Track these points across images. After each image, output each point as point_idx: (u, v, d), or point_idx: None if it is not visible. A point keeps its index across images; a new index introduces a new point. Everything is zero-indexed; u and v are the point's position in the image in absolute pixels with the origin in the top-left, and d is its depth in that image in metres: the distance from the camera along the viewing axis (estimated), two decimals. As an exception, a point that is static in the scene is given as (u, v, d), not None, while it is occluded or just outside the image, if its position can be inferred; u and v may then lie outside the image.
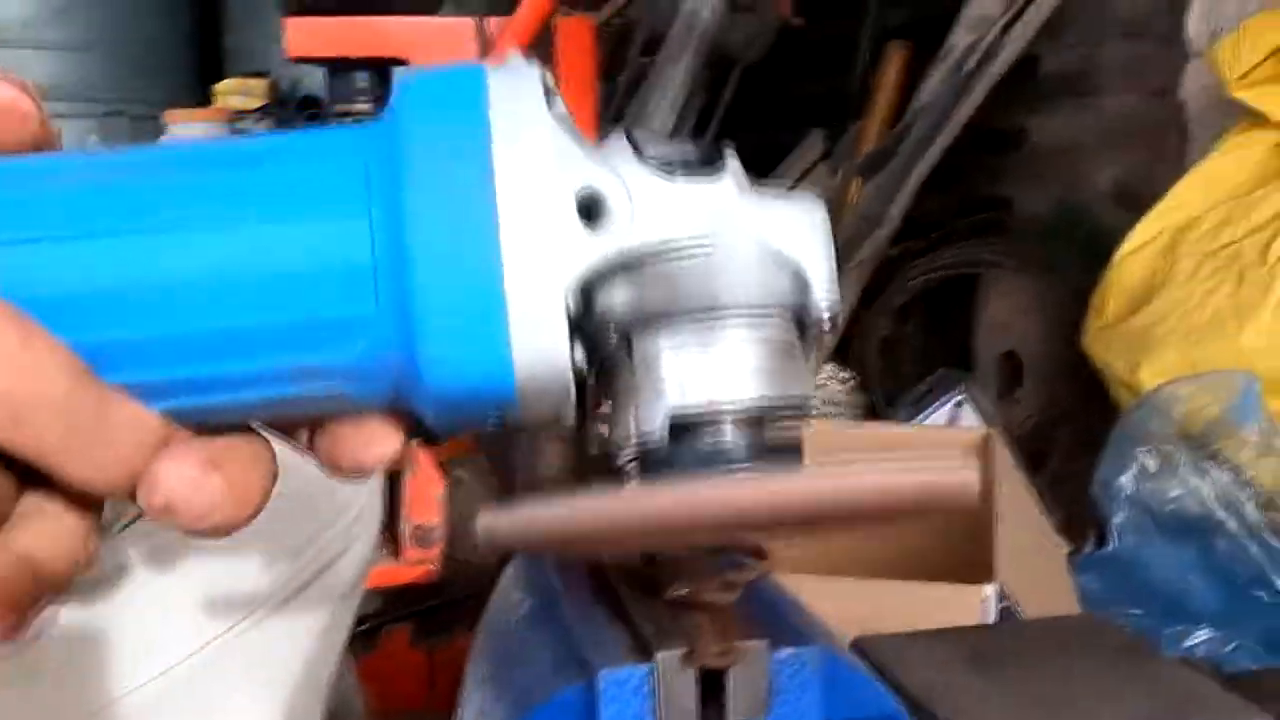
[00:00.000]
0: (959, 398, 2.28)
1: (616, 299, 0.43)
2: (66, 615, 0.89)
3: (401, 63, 1.62)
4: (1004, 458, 1.52)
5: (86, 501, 0.42)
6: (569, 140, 0.42)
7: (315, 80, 4.05)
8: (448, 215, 0.41)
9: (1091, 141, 2.89)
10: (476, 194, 0.41)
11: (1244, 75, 1.98)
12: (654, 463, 0.44)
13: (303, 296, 0.41)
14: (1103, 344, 2.04)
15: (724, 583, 0.60)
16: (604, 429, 0.46)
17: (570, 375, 0.42)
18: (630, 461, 0.45)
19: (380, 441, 0.45)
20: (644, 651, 0.58)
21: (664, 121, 3.04)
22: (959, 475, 0.41)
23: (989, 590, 1.10)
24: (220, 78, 3.85)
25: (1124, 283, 2.08)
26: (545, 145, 0.42)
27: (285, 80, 4.10)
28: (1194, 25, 2.38)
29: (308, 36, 1.56)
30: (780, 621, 0.63)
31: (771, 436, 0.44)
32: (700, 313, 0.43)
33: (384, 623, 1.65)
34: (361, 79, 1.63)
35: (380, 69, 1.62)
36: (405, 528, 1.66)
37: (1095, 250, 2.60)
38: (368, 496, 1.05)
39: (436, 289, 0.41)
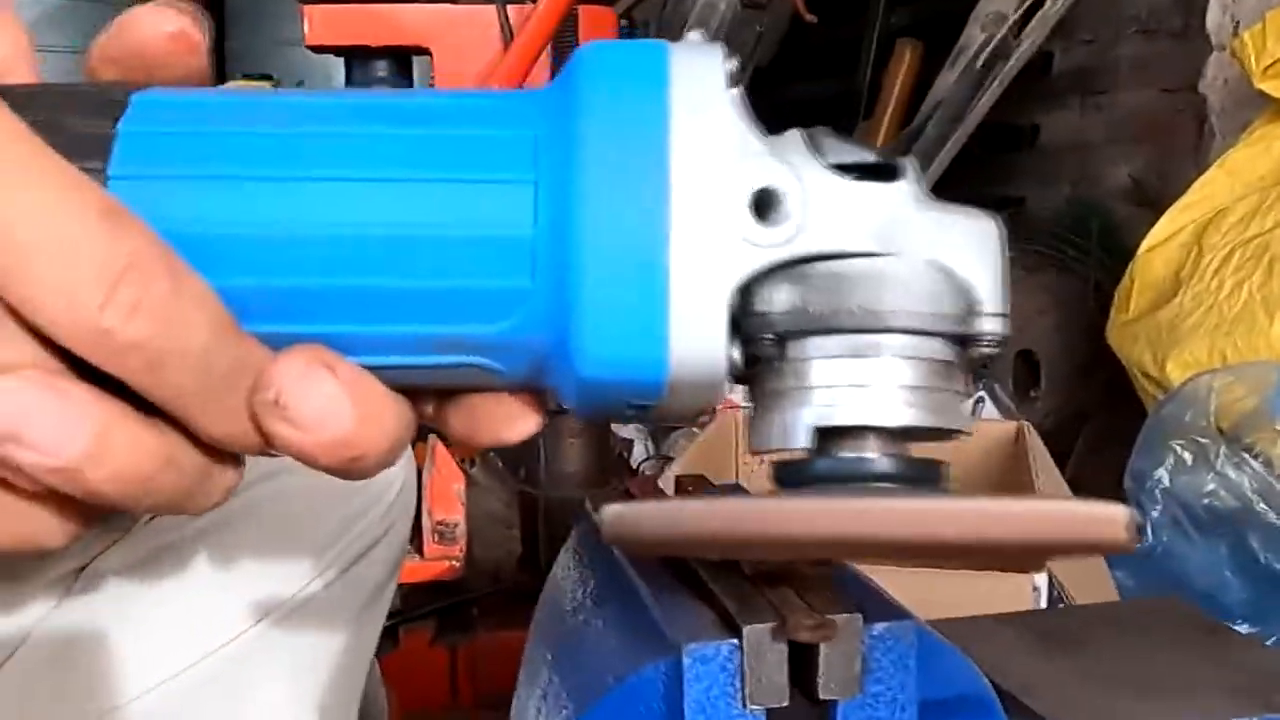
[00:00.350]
0: (979, 394, 2.26)
1: (778, 300, 0.41)
2: (98, 606, 0.87)
3: (422, 51, 1.59)
4: (1039, 448, 1.49)
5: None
6: (748, 131, 0.40)
7: (316, 80, 4.04)
8: (617, 198, 0.39)
9: (1104, 138, 2.88)
10: (650, 178, 0.39)
11: (1269, 66, 1.96)
12: (792, 471, 0.42)
13: (458, 262, 0.40)
14: (1128, 339, 2.02)
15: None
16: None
17: (725, 377, 0.40)
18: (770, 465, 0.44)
19: (522, 418, 0.44)
20: (730, 626, 0.55)
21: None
22: (1110, 509, 0.39)
23: (1040, 580, 1.07)
24: (223, 80, 3.83)
25: (1148, 277, 2.06)
26: (725, 134, 0.40)
27: (288, 83, 4.08)
28: (1214, 18, 2.36)
29: (327, 24, 1.53)
30: (870, 598, 0.60)
31: (914, 458, 0.42)
32: (862, 324, 0.41)
33: (405, 620, 1.62)
34: (381, 68, 1.60)
35: (401, 58, 1.60)
36: (427, 524, 1.63)
37: (1110, 247, 2.59)
38: (401, 487, 1.02)
39: (597, 274, 0.39)
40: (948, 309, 0.41)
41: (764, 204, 0.40)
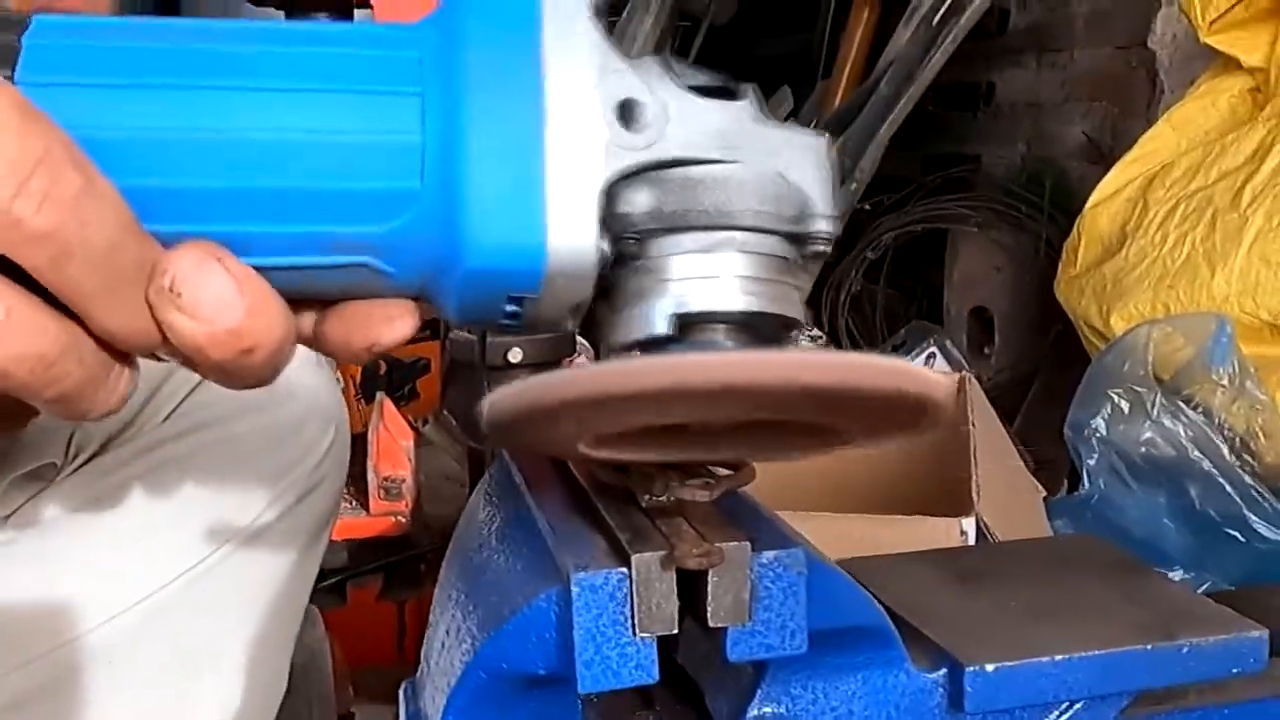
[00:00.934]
0: (931, 350, 2.27)
1: (639, 202, 0.46)
2: (41, 544, 0.88)
3: (364, 4, 1.58)
4: (980, 399, 1.50)
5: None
6: (612, 51, 0.45)
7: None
8: (498, 106, 0.44)
9: (1060, 96, 2.88)
10: (526, 89, 0.44)
11: (1215, 20, 1.97)
12: (652, 351, 0.47)
13: (352, 165, 0.44)
14: (1075, 292, 2.03)
15: (703, 483, 0.58)
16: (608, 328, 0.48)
17: (595, 269, 0.45)
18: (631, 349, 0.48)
19: (400, 320, 0.47)
20: (620, 555, 0.56)
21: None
22: (935, 374, 0.44)
23: (967, 523, 1.08)
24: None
25: (1095, 231, 2.07)
26: (591, 52, 0.45)
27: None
28: (1163, -28, 2.36)
29: (265, -24, 1.52)
30: (763, 527, 0.60)
31: (763, 339, 0.47)
32: (712, 222, 0.46)
33: (352, 576, 1.62)
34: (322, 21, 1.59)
35: (342, 10, 1.58)
36: (373, 480, 1.63)
37: (1064, 205, 2.60)
38: (336, 434, 1.03)
39: (482, 171, 0.44)
40: (786, 210, 0.47)
41: (627, 113, 0.45)
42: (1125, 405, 1.65)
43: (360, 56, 0.45)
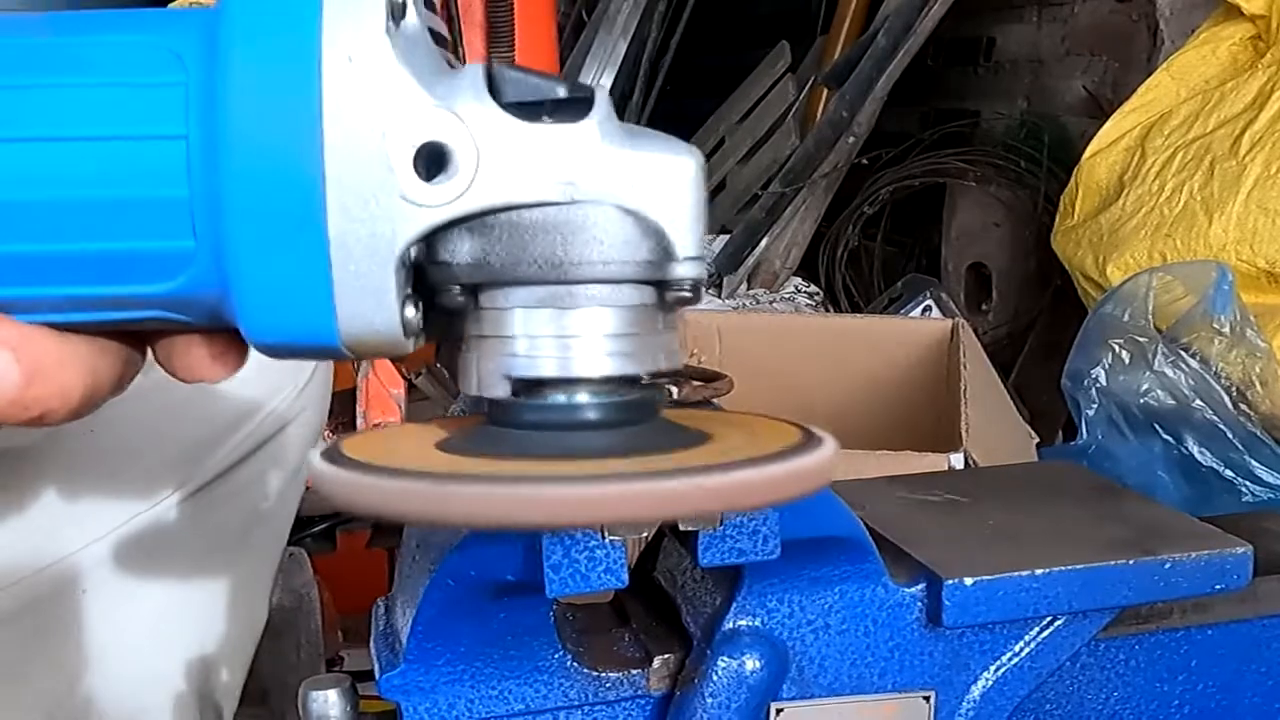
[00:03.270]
0: (927, 302, 2.25)
1: (461, 252, 0.39)
2: (13, 475, 0.88)
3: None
4: (973, 345, 1.49)
5: None
6: (413, 80, 0.37)
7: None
8: (268, 164, 0.37)
9: (1060, 50, 2.85)
10: (301, 146, 0.37)
11: (1216, -34, 1.95)
12: (502, 411, 0.41)
13: (117, 224, 0.38)
14: (1071, 243, 2.01)
15: (670, 390, 0.57)
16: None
17: (400, 333, 0.39)
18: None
19: (222, 360, 0.44)
20: (590, 458, 0.55)
21: (625, 26, 2.99)
22: (815, 463, 0.38)
23: (955, 458, 1.07)
24: None
25: (1092, 181, 2.05)
26: (384, 86, 0.37)
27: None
28: (1164, -78, 2.33)
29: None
30: (736, 433, 0.59)
31: (622, 400, 0.40)
32: (548, 276, 0.39)
33: (341, 523, 1.62)
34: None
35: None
36: (362, 427, 1.62)
37: (1063, 160, 2.57)
38: (316, 367, 1.02)
39: (254, 244, 0.37)
40: (637, 256, 0.39)
41: (430, 160, 0.38)
42: (1126, 355, 1.63)
43: (120, 86, 0.38)
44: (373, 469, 0.37)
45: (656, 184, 0.39)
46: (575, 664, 0.63)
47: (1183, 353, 1.67)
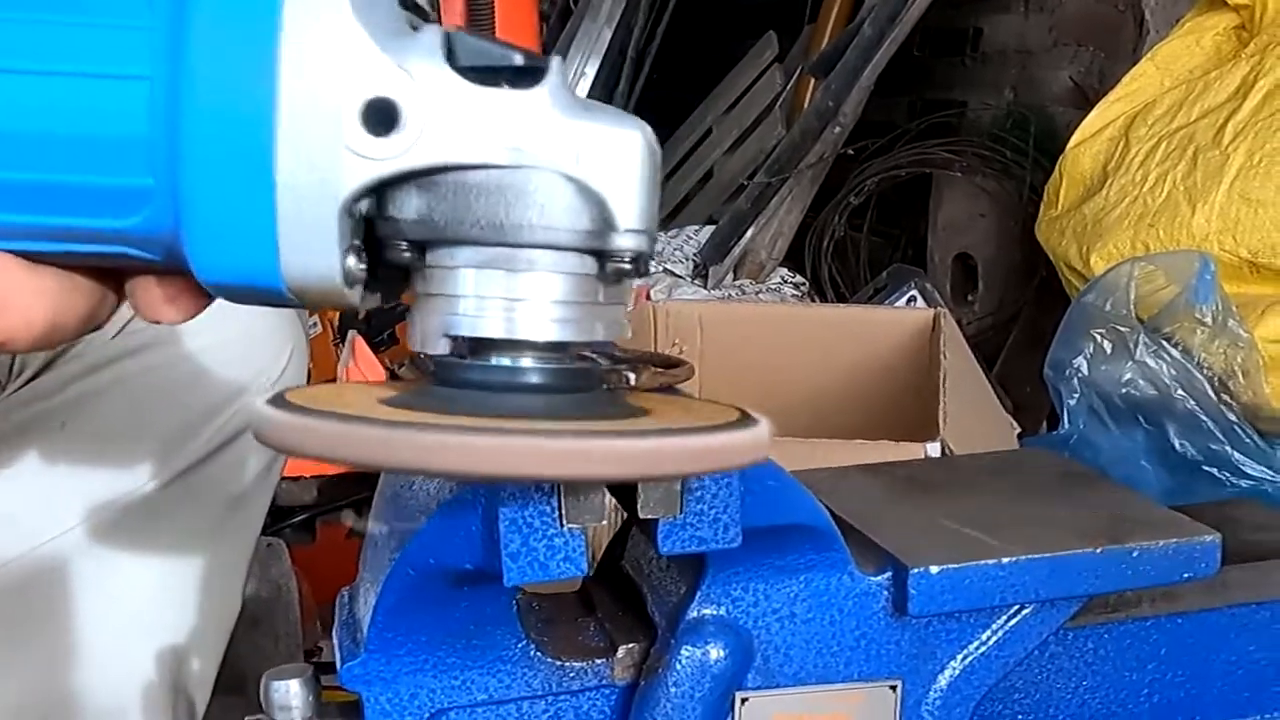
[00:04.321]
0: (911, 292, 2.25)
1: (408, 208, 0.40)
2: None
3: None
4: (955, 336, 1.49)
5: None
6: (367, 37, 0.39)
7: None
8: (225, 104, 0.38)
9: (1047, 41, 2.85)
10: (257, 93, 0.38)
11: (1201, -44, 1.94)
12: (448, 370, 0.42)
13: (80, 158, 0.40)
14: (1055, 233, 2.01)
15: (630, 368, 0.57)
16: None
17: (341, 280, 0.40)
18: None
19: (178, 301, 0.45)
20: (549, 445, 0.54)
21: (610, 15, 2.97)
22: (748, 440, 0.39)
23: (932, 447, 1.07)
24: None
25: (1076, 171, 2.05)
26: (340, 40, 0.39)
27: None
28: (1150, -90, 2.33)
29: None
30: (698, 421, 0.59)
31: (565, 367, 0.42)
32: (490, 237, 0.40)
33: (321, 513, 1.61)
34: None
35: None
36: (342, 417, 1.61)
37: (1049, 151, 2.57)
38: (292, 353, 1.02)
39: (206, 185, 0.39)
40: (578, 224, 0.40)
41: (377, 114, 0.39)
42: (1108, 345, 1.63)
43: (87, 26, 0.40)
44: (319, 414, 0.38)
45: (601, 154, 0.40)
46: (539, 653, 0.63)
47: (1165, 343, 1.67)
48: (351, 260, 0.40)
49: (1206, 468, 1.60)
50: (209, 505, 0.96)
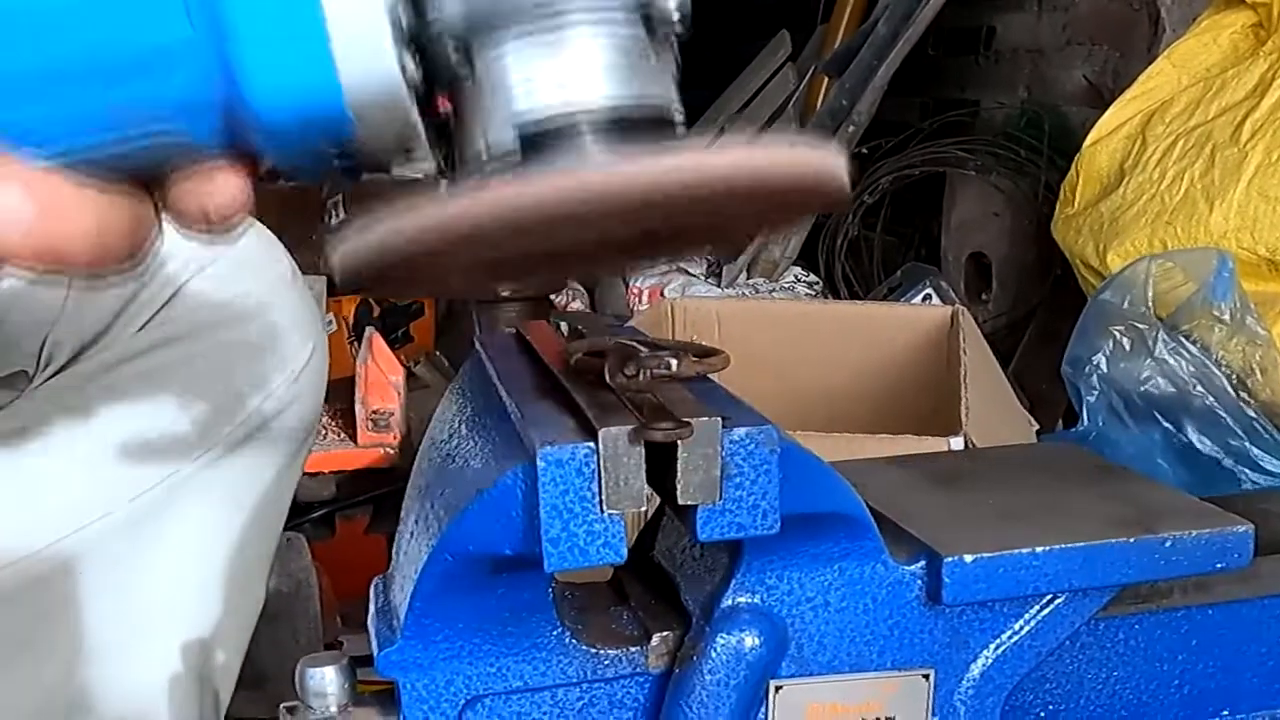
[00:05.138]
0: (927, 290, 2.25)
1: (448, 4, 0.39)
2: (13, 456, 0.88)
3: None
4: (972, 331, 1.49)
5: None
6: None
7: None
8: None
9: (1061, 40, 2.85)
10: None
11: (1218, -46, 1.94)
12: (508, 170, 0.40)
13: (114, 22, 0.39)
14: (1072, 231, 2.01)
15: (673, 356, 0.57)
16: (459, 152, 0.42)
17: (404, 89, 0.39)
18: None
19: (223, 189, 0.43)
20: (588, 431, 0.54)
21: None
22: (830, 156, 0.38)
23: (955, 442, 1.07)
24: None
25: (1093, 169, 2.04)
26: None
27: None
28: (1166, -91, 2.33)
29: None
30: (735, 409, 0.59)
31: (635, 136, 0.40)
32: (538, 13, 0.39)
33: (341, 508, 1.61)
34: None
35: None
36: (361, 413, 1.62)
37: (1064, 150, 2.57)
38: (314, 350, 1.02)
39: (249, 4, 0.38)
40: None
41: None
42: (1126, 342, 1.63)
43: None
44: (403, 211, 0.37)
45: None
46: (574, 641, 0.63)
47: (1183, 340, 1.67)
48: (408, 60, 0.39)
49: (1225, 464, 1.60)
50: (234, 498, 0.96)
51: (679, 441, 0.53)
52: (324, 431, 1.64)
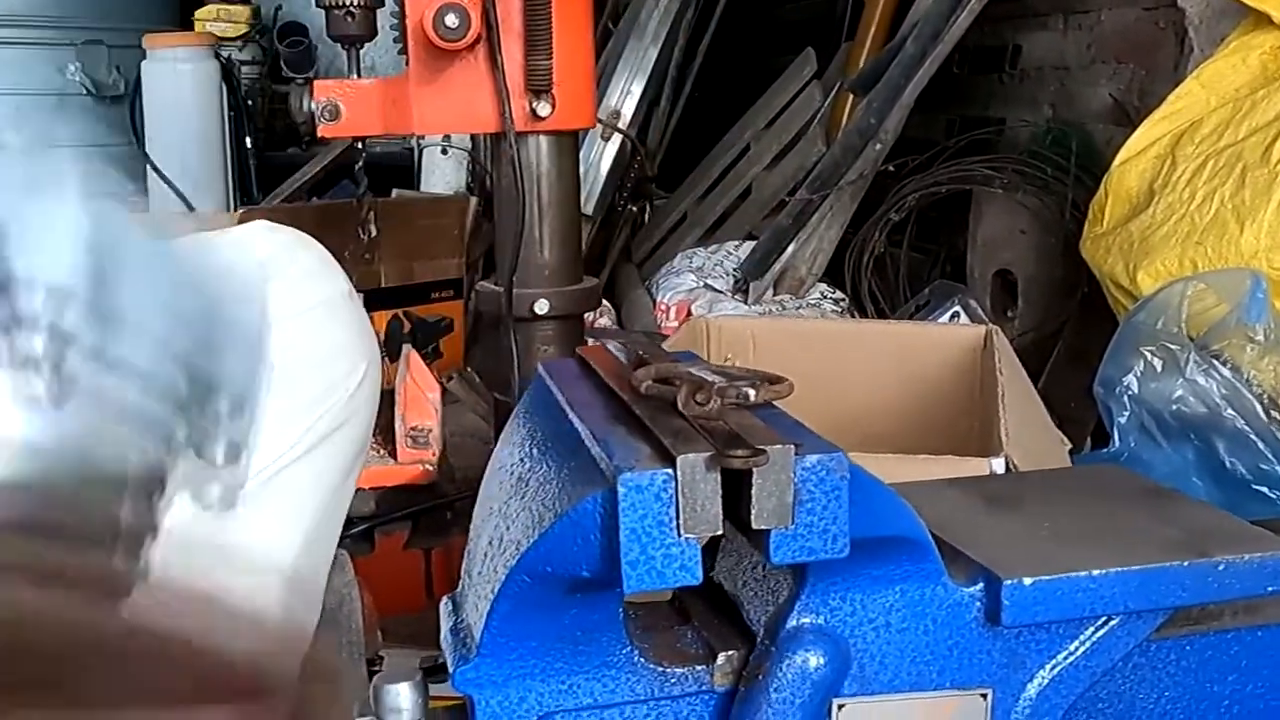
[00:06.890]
0: (955, 308, 2.26)
1: None
2: None
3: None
4: (1007, 351, 1.50)
5: None
6: None
7: (296, 6, 4.00)
8: None
9: (1086, 58, 2.86)
10: None
11: (1246, -25, 1.95)
12: None
13: None
14: (1101, 250, 2.02)
15: (749, 385, 0.59)
16: None
17: None
18: None
19: None
20: (666, 458, 0.56)
21: (655, 34, 3.00)
22: None
23: (997, 463, 1.09)
24: (201, 3, 3.79)
25: (1122, 189, 2.06)
26: None
27: (267, 6, 4.04)
28: (1193, -70, 2.34)
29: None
30: (805, 436, 0.61)
31: None
32: None
33: (380, 524, 1.63)
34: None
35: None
36: (400, 430, 1.63)
37: (1089, 168, 2.58)
38: (367, 371, 1.04)
39: None
40: None
41: None
42: (1158, 363, 1.64)
43: None
44: None
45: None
46: (642, 660, 0.65)
47: (1214, 360, 1.68)
48: None
49: (1256, 486, 1.61)
50: (292, 514, 0.98)
51: (754, 468, 0.55)
52: (364, 447, 1.66)
